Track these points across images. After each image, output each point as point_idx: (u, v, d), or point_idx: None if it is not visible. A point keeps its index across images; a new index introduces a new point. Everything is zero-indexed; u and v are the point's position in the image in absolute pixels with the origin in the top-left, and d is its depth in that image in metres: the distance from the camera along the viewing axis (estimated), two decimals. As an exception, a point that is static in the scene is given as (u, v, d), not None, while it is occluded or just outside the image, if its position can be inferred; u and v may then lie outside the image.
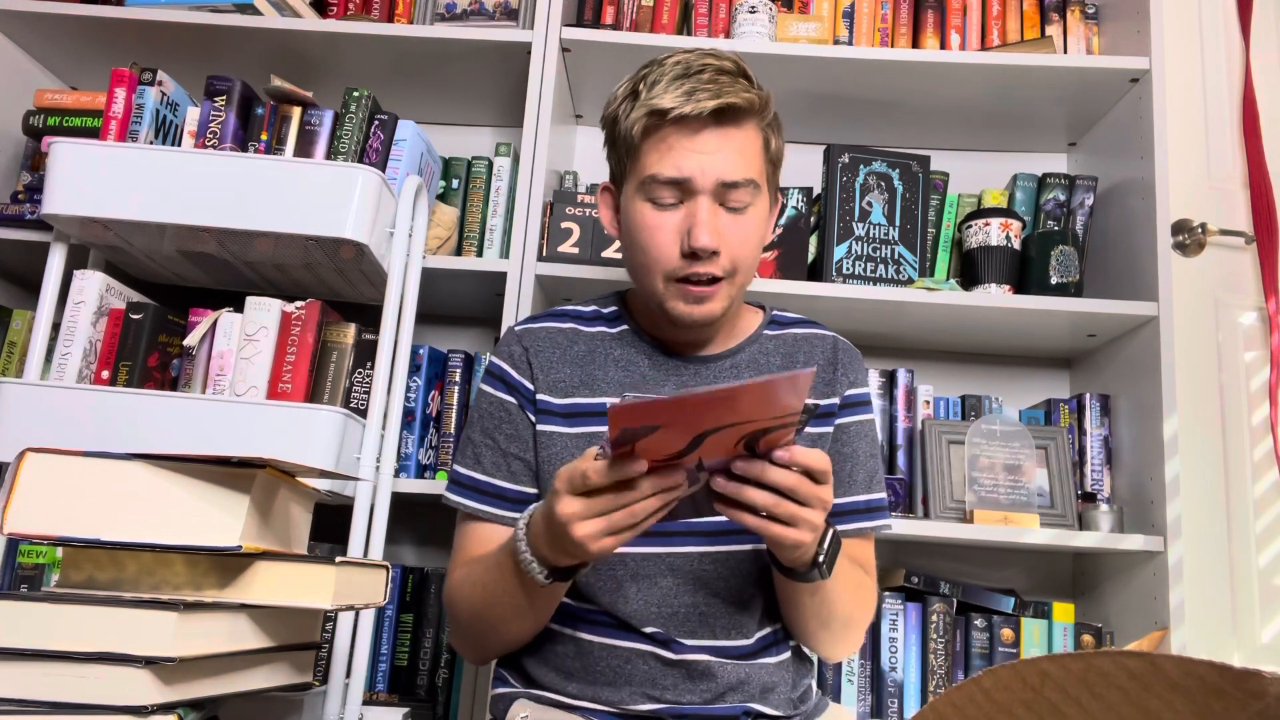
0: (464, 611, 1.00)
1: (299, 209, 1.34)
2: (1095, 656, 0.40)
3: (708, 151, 0.96)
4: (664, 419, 0.69)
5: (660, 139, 0.97)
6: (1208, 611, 1.68)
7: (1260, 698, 0.37)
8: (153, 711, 0.67)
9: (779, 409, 0.70)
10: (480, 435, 1.06)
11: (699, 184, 0.96)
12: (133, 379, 1.40)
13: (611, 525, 0.78)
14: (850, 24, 1.82)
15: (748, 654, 0.99)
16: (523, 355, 1.07)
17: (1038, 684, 0.41)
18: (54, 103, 1.61)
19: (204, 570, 0.76)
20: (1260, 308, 1.82)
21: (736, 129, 0.97)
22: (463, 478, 1.06)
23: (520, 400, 1.05)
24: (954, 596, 1.57)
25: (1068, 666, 0.41)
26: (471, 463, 1.06)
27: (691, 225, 0.96)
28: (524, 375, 1.06)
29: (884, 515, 1.08)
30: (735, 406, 0.68)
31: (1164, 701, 0.39)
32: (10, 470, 0.74)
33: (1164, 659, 0.39)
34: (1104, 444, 1.64)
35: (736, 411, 0.69)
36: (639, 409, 0.68)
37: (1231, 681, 0.38)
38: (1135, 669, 0.40)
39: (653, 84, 0.97)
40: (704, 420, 0.70)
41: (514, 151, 1.73)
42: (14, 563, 1.42)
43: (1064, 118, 1.79)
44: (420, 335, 1.69)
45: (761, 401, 0.69)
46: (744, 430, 0.72)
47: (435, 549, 1.78)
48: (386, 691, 1.56)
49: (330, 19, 1.76)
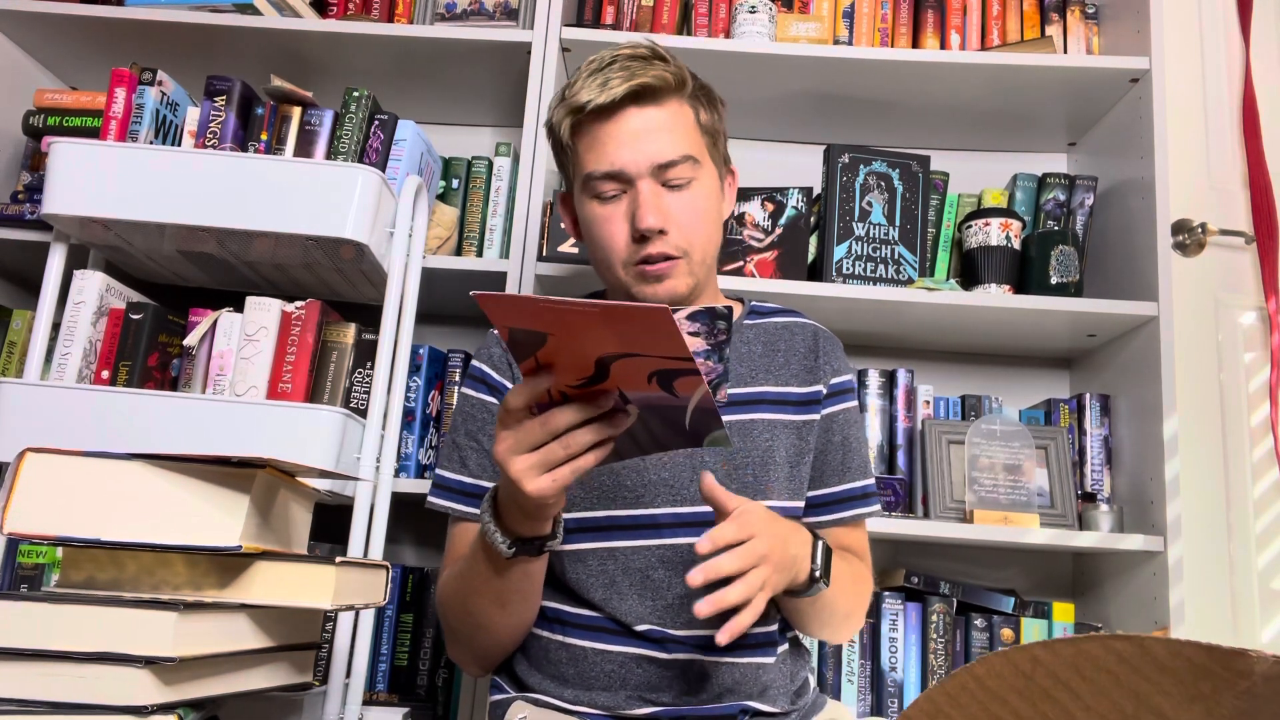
0: (451, 610, 1.00)
1: (299, 209, 1.34)
2: (1086, 641, 0.41)
3: (635, 137, 0.97)
4: (541, 322, 0.69)
5: (588, 136, 0.99)
6: (1208, 611, 1.68)
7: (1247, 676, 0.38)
8: (153, 711, 0.67)
9: (656, 346, 0.69)
10: (464, 438, 1.06)
11: (633, 170, 0.98)
12: (133, 379, 1.40)
13: (546, 459, 0.76)
14: (850, 24, 1.82)
15: (745, 648, 0.99)
16: (502, 357, 1.09)
17: (1029, 670, 0.42)
18: (54, 103, 1.61)
19: (204, 570, 0.76)
20: (1260, 308, 1.82)
21: (658, 108, 0.98)
22: (448, 481, 1.06)
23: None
24: (954, 596, 1.57)
25: (1058, 652, 0.41)
26: (456, 466, 1.06)
27: (635, 210, 0.97)
28: (505, 377, 1.07)
29: (875, 500, 1.10)
30: (611, 330, 0.68)
31: (1153, 683, 0.40)
32: (10, 470, 0.74)
33: (1152, 641, 0.40)
34: (1104, 444, 1.64)
35: (619, 337, 0.69)
36: (505, 301, 0.68)
37: (1219, 661, 0.38)
38: (1124, 652, 0.40)
39: (571, 84, 1.00)
40: (589, 341, 0.70)
41: (514, 151, 1.73)
42: (14, 563, 1.42)
43: (1064, 118, 1.79)
44: (420, 335, 1.69)
45: (629, 331, 0.68)
46: (644, 365, 0.71)
47: (435, 549, 1.78)
48: (386, 691, 1.56)
49: (330, 19, 1.76)
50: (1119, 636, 0.40)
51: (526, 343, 0.72)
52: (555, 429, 0.75)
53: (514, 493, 0.79)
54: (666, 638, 0.97)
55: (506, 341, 0.73)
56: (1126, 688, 0.40)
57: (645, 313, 0.66)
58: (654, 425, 0.78)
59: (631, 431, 0.79)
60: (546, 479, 0.77)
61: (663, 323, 0.66)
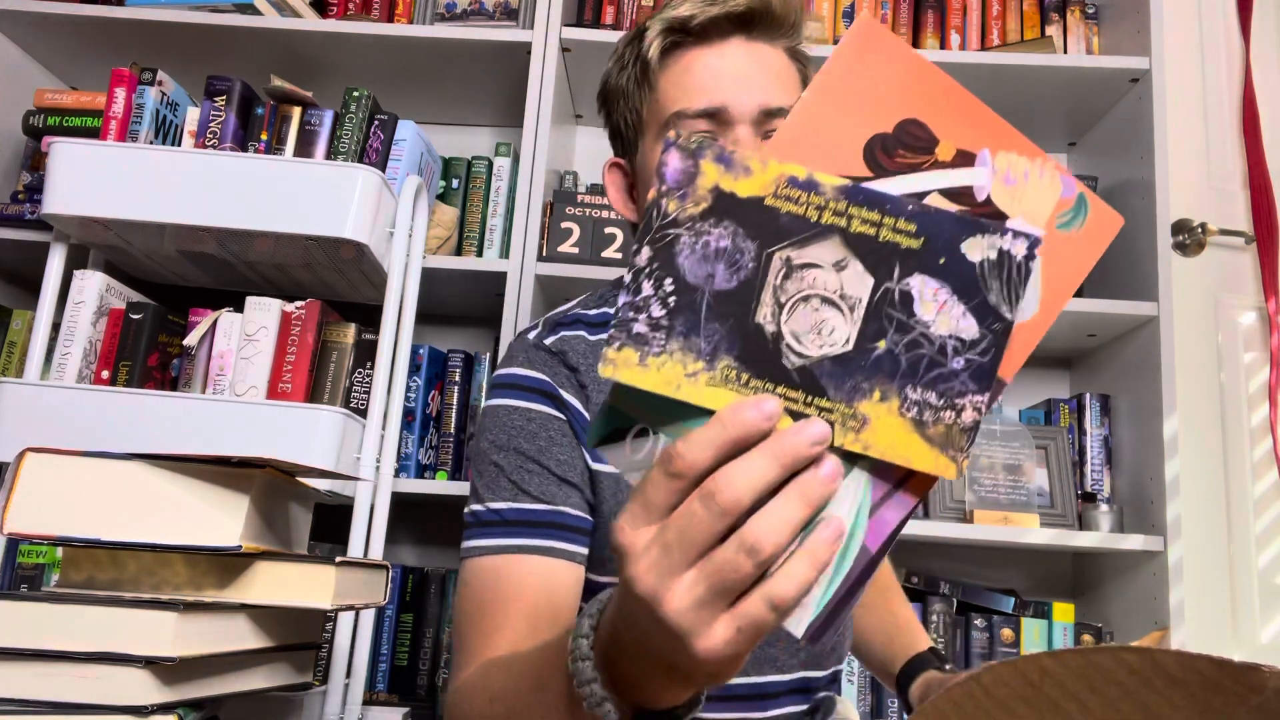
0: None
1: (299, 209, 1.34)
2: (1095, 652, 0.40)
3: (743, 71, 0.79)
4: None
5: (680, 65, 0.81)
6: (1208, 611, 1.68)
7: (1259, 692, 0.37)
8: (153, 711, 0.67)
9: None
10: (516, 460, 0.79)
11: (736, 111, 0.79)
12: (133, 379, 1.40)
13: (724, 582, 0.39)
14: (850, 24, 1.82)
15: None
16: (570, 377, 0.83)
17: (1037, 680, 0.41)
18: (54, 103, 1.61)
19: (204, 570, 0.76)
20: (1260, 308, 1.82)
21: (770, 47, 0.82)
22: (504, 514, 0.77)
23: (573, 422, 0.81)
24: (954, 596, 1.57)
25: (1067, 663, 0.41)
26: (509, 493, 0.77)
27: None
28: (575, 396, 0.82)
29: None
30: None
31: (1163, 697, 0.39)
32: (10, 470, 0.73)
33: (1163, 654, 0.39)
34: (1104, 444, 1.64)
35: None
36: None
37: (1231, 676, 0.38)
38: (1135, 664, 0.40)
39: (664, 7, 0.82)
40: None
41: (514, 151, 1.73)
42: (14, 563, 1.42)
43: (1064, 118, 1.79)
44: (420, 335, 1.69)
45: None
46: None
47: (435, 549, 1.78)
48: (386, 691, 1.56)
49: (330, 19, 1.76)
50: (1129, 648, 0.40)
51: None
52: (735, 506, 0.38)
53: (667, 645, 0.41)
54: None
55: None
56: (1136, 700, 0.40)
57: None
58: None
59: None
60: (730, 627, 0.39)
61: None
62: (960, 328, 0.41)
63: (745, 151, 0.40)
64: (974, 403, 0.41)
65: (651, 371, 0.40)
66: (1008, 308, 0.41)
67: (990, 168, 0.44)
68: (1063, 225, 0.44)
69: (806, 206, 0.40)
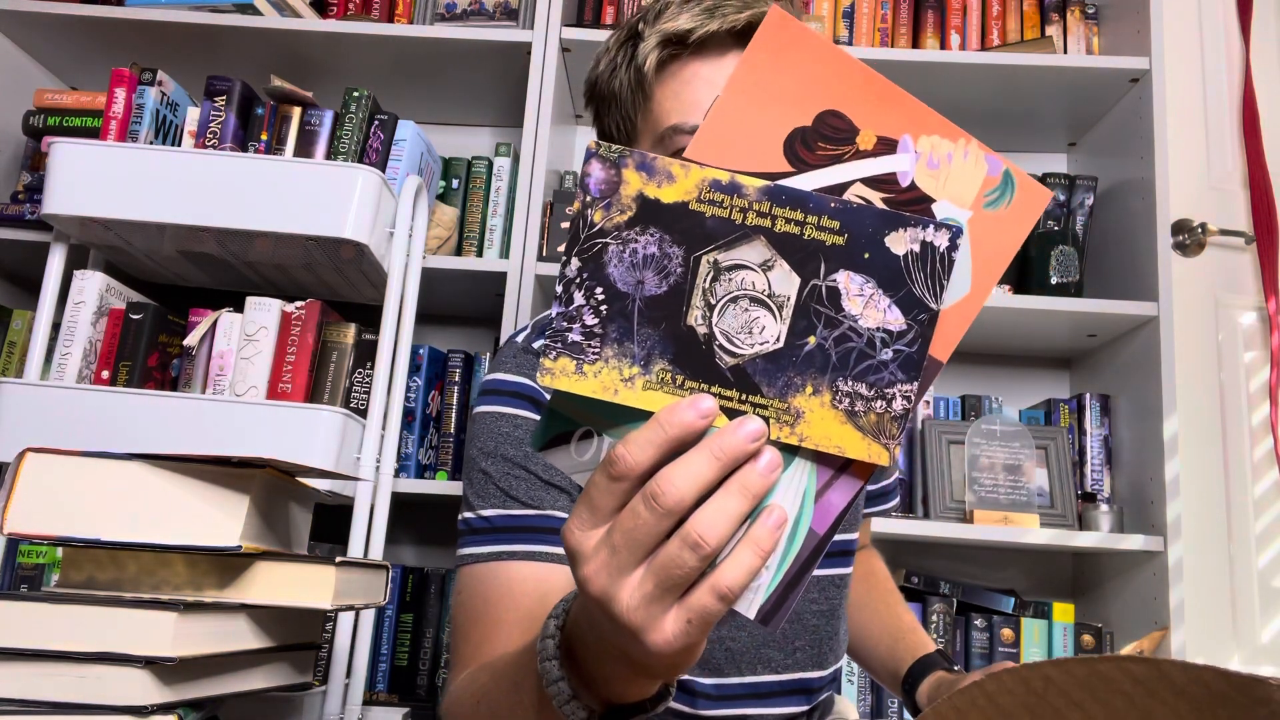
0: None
1: (299, 209, 1.34)
2: (1099, 662, 0.40)
3: None
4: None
5: (680, 79, 0.78)
6: (1208, 611, 1.68)
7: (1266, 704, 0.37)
8: (153, 711, 0.67)
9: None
10: (503, 466, 0.79)
11: None
12: (133, 379, 1.40)
13: (670, 576, 0.40)
14: (850, 24, 1.82)
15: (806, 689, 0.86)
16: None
17: (1041, 689, 0.41)
18: (54, 103, 1.61)
19: (204, 570, 0.76)
20: (1260, 308, 1.82)
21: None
22: (493, 521, 0.77)
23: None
24: (954, 596, 1.57)
25: (1072, 671, 0.40)
26: (497, 500, 0.78)
27: None
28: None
29: (893, 498, 1.10)
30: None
31: (1169, 707, 0.39)
32: (10, 470, 0.73)
33: (1169, 665, 0.39)
34: (1104, 444, 1.64)
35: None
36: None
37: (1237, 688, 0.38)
38: (1140, 674, 0.39)
39: (659, 13, 0.79)
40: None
41: (514, 151, 1.73)
42: (14, 563, 1.42)
43: (1064, 118, 1.78)
44: (420, 335, 1.69)
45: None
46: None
47: (435, 549, 1.78)
48: (386, 691, 1.56)
49: (330, 19, 1.76)
50: (1135, 658, 0.40)
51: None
52: (678, 506, 0.40)
53: (622, 642, 0.43)
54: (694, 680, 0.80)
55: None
56: (1141, 710, 0.40)
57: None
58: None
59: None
60: (680, 620, 0.41)
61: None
62: (887, 320, 0.42)
63: (667, 158, 0.41)
64: (904, 391, 0.42)
65: (589, 379, 0.42)
66: (932, 298, 0.42)
67: (913, 153, 0.44)
68: (990, 204, 0.45)
69: (731, 209, 0.41)
